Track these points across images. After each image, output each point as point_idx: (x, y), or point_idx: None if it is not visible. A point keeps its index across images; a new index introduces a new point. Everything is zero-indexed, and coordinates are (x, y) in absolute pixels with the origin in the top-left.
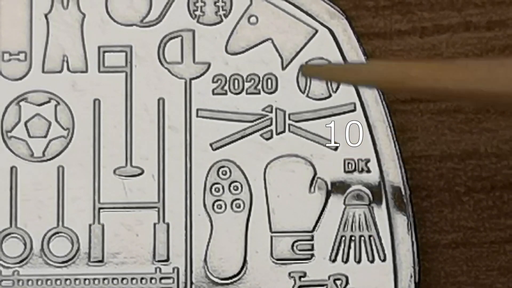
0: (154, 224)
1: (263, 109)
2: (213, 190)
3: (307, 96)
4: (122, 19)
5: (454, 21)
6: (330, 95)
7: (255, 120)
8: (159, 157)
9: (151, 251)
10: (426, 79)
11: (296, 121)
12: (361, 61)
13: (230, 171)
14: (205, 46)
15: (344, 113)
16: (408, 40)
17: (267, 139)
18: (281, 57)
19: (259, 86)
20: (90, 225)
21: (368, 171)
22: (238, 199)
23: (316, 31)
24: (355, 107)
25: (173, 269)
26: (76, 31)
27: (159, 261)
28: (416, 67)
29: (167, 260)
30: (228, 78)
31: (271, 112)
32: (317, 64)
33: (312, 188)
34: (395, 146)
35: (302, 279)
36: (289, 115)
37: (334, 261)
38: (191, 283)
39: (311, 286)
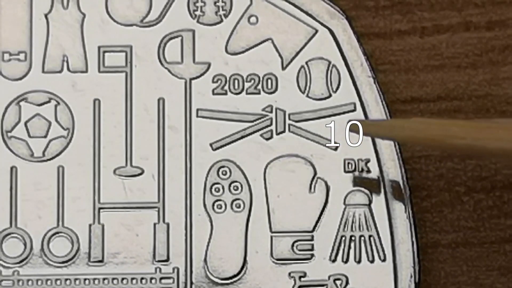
0: (154, 224)
1: (263, 109)
2: (213, 190)
3: (307, 96)
4: (122, 19)
5: (454, 21)
6: (330, 95)
7: (255, 120)
8: (159, 157)
9: (151, 251)
10: (465, 137)
11: (296, 121)
12: (361, 61)
13: (230, 171)
14: (205, 46)
15: (344, 113)
16: (408, 40)
17: (267, 139)
18: (281, 57)
19: (259, 86)
20: (90, 225)
21: (368, 171)
22: (238, 199)
23: (316, 31)
24: (355, 107)
25: (173, 269)
26: (76, 31)
27: (159, 261)
28: (456, 125)
29: (167, 260)
30: (228, 78)
31: (271, 112)
32: (361, 120)
33: (312, 188)
34: (395, 146)
35: (302, 279)
36: (289, 115)
37: (334, 261)
38: (191, 283)
39: (311, 286)
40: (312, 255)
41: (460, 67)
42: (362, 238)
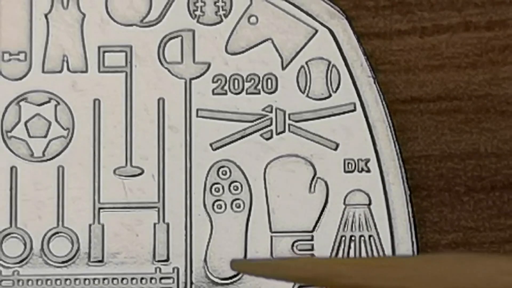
0: (154, 224)
1: (263, 109)
2: (213, 190)
3: (307, 96)
4: (122, 19)
5: (454, 21)
6: (330, 95)
7: (255, 120)
8: (159, 157)
9: (151, 251)
10: (352, 277)
11: (296, 121)
12: (361, 61)
13: (230, 171)
14: (205, 46)
15: (344, 113)
16: (408, 40)
17: (267, 139)
18: (281, 57)
19: (259, 86)
20: (90, 225)
21: (368, 171)
22: (238, 199)
23: (316, 31)
24: (355, 107)
25: (173, 269)
26: (76, 31)
27: (159, 261)
28: (343, 264)
29: (167, 260)
30: (228, 78)
31: (271, 112)
32: (246, 260)
33: (312, 188)
34: (395, 146)
35: None
36: (289, 115)
37: None
38: (191, 283)
39: (311, 286)
40: (312, 255)
41: (460, 67)
42: (362, 238)
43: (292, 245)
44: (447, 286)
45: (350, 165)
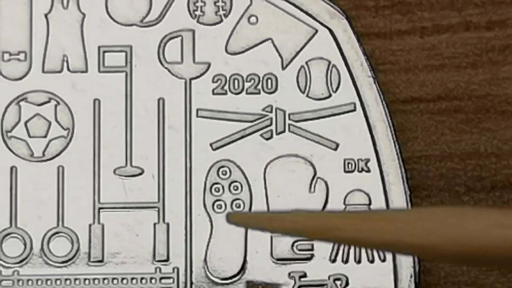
0: (154, 224)
1: (263, 109)
2: (213, 190)
3: (307, 96)
4: (122, 19)
5: (454, 21)
6: (330, 95)
7: (255, 120)
8: (159, 157)
9: (151, 251)
10: (347, 229)
11: (296, 121)
12: (361, 61)
13: (230, 171)
14: (205, 46)
15: (344, 113)
16: (408, 40)
17: (267, 139)
18: (281, 57)
19: (259, 86)
20: (90, 225)
21: (368, 171)
22: (238, 199)
23: (316, 31)
24: (355, 107)
25: (173, 269)
26: (76, 31)
27: (159, 261)
28: (337, 217)
29: (167, 260)
30: (228, 78)
31: (271, 112)
32: (242, 212)
33: (312, 188)
34: (395, 146)
35: (302, 279)
36: (289, 115)
37: (334, 261)
38: (191, 283)
39: (311, 286)
40: (312, 255)
41: (460, 67)
42: None
43: (292, 245)
44: (441, 239)
45: (350, 165)
